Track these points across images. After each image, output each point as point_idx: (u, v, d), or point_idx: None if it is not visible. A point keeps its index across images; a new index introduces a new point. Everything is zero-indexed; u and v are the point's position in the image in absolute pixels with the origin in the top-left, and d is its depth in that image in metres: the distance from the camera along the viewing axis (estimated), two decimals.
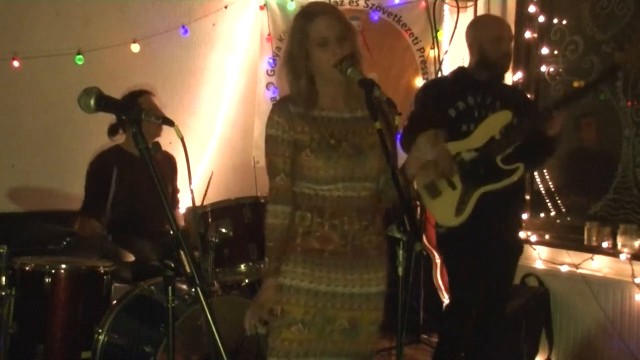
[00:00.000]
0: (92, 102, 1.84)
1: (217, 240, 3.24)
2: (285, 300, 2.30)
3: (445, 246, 3.52)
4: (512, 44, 3.45)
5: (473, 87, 3.36)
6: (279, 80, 2.50)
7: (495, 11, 4.70)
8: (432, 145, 2.38)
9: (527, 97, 3.71)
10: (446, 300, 4.59)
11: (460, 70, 3.61)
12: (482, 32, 3.41)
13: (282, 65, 2.40)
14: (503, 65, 3.40)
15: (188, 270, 1.77)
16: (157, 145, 3.80)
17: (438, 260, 4.73)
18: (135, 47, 4.78)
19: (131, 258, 3.38)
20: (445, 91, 3.39)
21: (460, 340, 3.50)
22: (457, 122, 3.30)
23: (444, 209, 3.25)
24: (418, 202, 3.93)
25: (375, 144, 2.30)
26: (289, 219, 2.34)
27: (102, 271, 3.33)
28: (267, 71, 5.29)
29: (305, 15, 2.35)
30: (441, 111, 3.31)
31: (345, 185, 2.31)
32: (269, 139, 2.36)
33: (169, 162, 4.04)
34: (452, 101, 3.33)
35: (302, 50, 2.30)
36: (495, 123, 3.27)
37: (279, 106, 2.37)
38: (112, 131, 3.89)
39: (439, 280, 4.77)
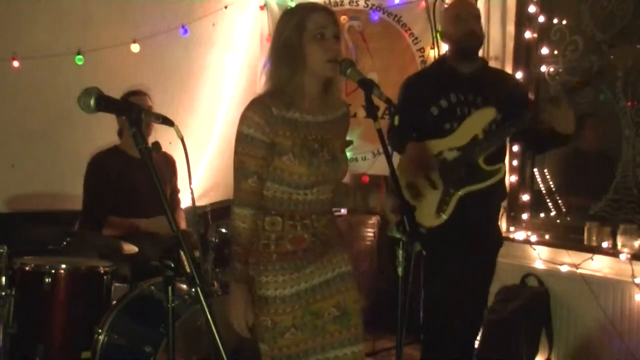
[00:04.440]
0: (92, 102, 1.84)
1: (217, 240, 3.24)
2: (274, 311, 2.31)
3: (425, 247, 3.49)
4: (479, 22, 3.35)
5: (455, 83, 3.30)
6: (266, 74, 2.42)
7: (495, 11, 4.70)
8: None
9: (517, 87, 3.56)
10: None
11: (441, 61, 3.55)
12: (444, 17, 3.44)
13: (276, 56, 2.31)
14: (469, 44, 3.30)
15: (188, 270, 1.77)
16: (157, 145, 3.83)
17: None
18: (135, 47, 4.77)
19: (133, 249, 3.37)
20: (428, 88, 3.34)
21: (444, 340, 3.49)
22: (440, 121, 3.27)
23: (425, 210, 3.20)
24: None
25: (344, 148, 2.41)
26: (254, 222, 2.32)
27: (102, 271, 3.32)
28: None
29: (303, 8, 2.33)
30: (423, 109, 3.27)
31: (319, 189, 2.33)
32: (244, 138, 2.28)
33: (168, 163, 4.04)
34: (434, 99, 3.28)
35: (299, 41, 2.25)
36: (478, 121, 3.23)
37: (259, 106, 2.29)
38: (122, 133, 3.94)
39: None
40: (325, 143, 2.34)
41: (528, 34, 4.57)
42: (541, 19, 4.52)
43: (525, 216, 4.58)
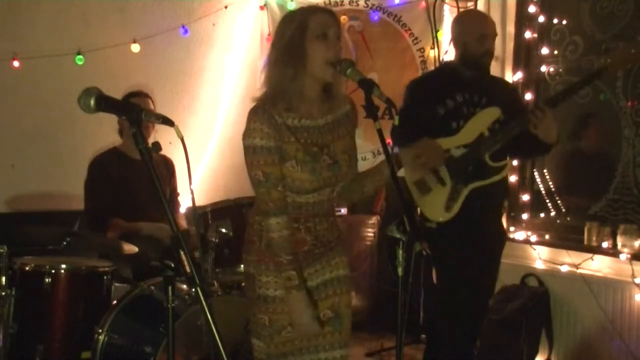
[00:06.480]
0: (92, 102, 1.84)
1: (217, 240, 3.24)
2: (272, 310, 2.34)
3: (435, 241, 3.52)
4: (495, 41, 3.43)
5: (460, 85, 3.37)
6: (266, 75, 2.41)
7: (495, 11, 4.70)
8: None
9: (515, 93, 3.66)
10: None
11: (445, 66, 3.66)
12: (466, 29, 3.41)
13: (278, 57, 2.30)
14: (485, 63, 3.40)
15: (188, 270, 1.77)
16: (157, 145, 3.83)
17: None
18: (135, 47, 4.78)
19: (134, 249, 3.37)
20: (434, 89, 3.41)
21: (455, 338, 3.49)
22: (447, 119, 3.33)
23: (434, 205, 3.30)
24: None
25: (345, 149, 2.38)
26: (290, 227, 2.32)
27: (102, 271, 3.32)
28: None
29: (304, 9, 2.37)
30: (430, 108, 3.34)
31: (320, 193, 2.35)
32: (259, 150, 2.25)
33: (166, 165, 4.04)
34: (440, 99, 3.35)
35: (301, 40, 2.25)
36: (483, 120, 3.31)
37: (263, 115, 2.26)
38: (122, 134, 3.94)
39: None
40: (325, 147, 2.34)
41: (528, 34, 4.57)
42: (541, 19, 4.52)
43: (525, 216, 4.58)
